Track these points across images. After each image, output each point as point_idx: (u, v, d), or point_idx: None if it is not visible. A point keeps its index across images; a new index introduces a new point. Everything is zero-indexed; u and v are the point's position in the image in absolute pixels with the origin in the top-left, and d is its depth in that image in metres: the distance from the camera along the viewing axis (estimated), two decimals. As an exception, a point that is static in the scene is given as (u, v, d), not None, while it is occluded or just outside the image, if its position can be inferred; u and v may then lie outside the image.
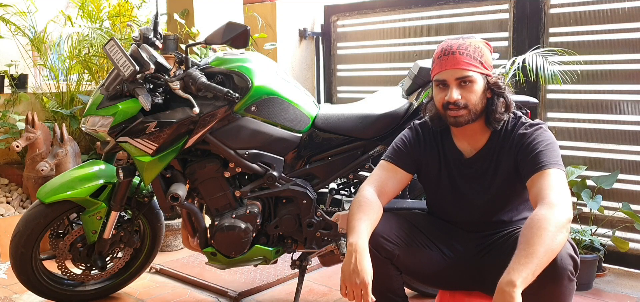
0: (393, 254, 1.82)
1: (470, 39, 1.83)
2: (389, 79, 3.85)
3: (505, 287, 1.44)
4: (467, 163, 1.88)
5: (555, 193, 1.58)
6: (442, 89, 1.81)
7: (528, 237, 1.49)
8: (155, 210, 2.69)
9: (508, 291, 1.43)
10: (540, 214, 1.53)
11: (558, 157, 1.70)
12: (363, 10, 4.05)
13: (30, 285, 2.56)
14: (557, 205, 1.54)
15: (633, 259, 3.08)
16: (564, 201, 1.57)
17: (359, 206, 1.79)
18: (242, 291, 2.80)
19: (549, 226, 1.49)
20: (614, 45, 3.04)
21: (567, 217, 1.54)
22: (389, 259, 1.82)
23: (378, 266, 1.81)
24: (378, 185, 1.88)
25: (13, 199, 3.62)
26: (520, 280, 1.44)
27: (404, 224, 1.90)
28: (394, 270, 1.86)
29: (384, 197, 1.87)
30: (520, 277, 1.44)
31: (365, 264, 1.64)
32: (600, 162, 3.12)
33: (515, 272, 1.45)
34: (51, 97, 4.00)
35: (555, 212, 1.52)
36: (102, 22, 4.04)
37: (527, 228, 1.51)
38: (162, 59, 2.26)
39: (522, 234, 1.52)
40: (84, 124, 2.34)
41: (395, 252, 1.82)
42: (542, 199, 1.58)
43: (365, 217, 1.75)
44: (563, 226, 1.51)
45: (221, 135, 2.28)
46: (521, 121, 1.82)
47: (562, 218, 1.52)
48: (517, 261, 1.47)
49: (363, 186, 1.89)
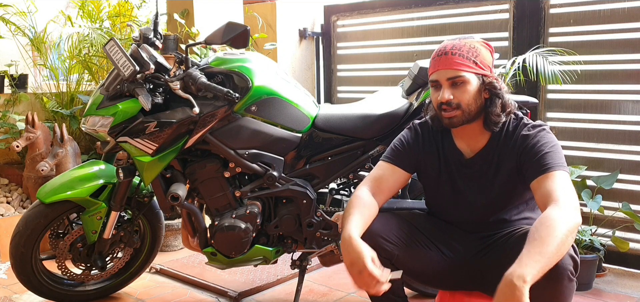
0: (392, 255, 1.82)
1: (469, 39, 1.83)
2: (389, 79, 3.85)
3: (516, 281, 1.40)
4: (467, 163, 1.88)
5: (566, 196, 1.58)
6: (436, 89, 1.82)
7: (542, 235, 1.46)
8: (155, 210, 2.69)
9: (518, 285, 1.39)
10: (554, 214, 1.51)
11: (563, 160, 1.70)
12: (363, 10, 4.05)
13: (30, 285, 2.56)
14: (570, 208, 1.54)
15: (633, 259, 3.08)
16: (576, 204, 1.57)
17: (351, 205, 1.81)
18: (242, 291, 2.80)
19: (563, 228, 1.48)
20: (614, 45, 3.04)
21: (578, 222, 1.54)
22: (388, 260, 1.82)
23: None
24: (373, 184, 1.89)
25: (13, 199, 3.62)
26: (531, 276, 1.41)
27: (404, 224, 1.90)
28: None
29: (380, 196, 1.88)
30: (531, 272, 1.41)
31: (358, 250, 1.62)
32: (600, 162, 3.12)
33: (528, 267, 1.42)
34: (51, 97, 4.00)
35: (568, 215, 1.51)
36: (102, 22, 4.04)
37: (542, 226, 1.49)
38: (162, 59, 2.26)
39: (535, 230, 1.49)
40: (84, 124, 2.34)
41: (395, 252, 1.82)
42: (554, 200, 1.57)
43: (356, 213, 1.76)
44: (574, 230, 1.51)
45: (221, 135, 2.28)
46: (523, 122, 1.82)
47: (574, 222, 1.52)
48: (530, 257, 1.43)
49: (359, 186, 1.90)
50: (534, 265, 1.42)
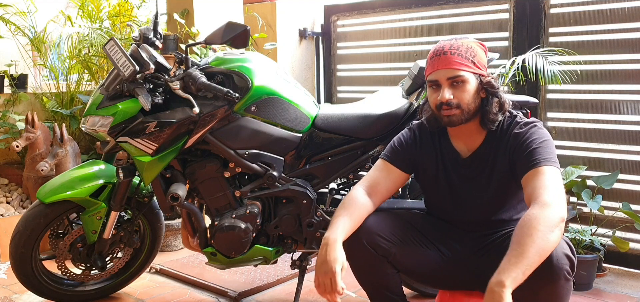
0: (389, 252, 1.83)
1: (463, 39, 1.84)
2: (389, 79, 3.85)
3: (495, 287, 1.45)
4: (464, 163, 1.88)
5: (548, 192, 1.58)
6: (435, 89, 1.82)
7: (519, 237, 1.50)
8: (155, 210, 2.69)
9: (497, 291, 1.44)
10: (532, 213, 1.53)
11: (552, 154, 1.69)
12: (363, 10, 4.05)
13: (30, 285, 2.56)
14: (549, 204, 1.54)
15: (633, 259, 3.08)
16: (557, 200, 1.57)
17: (343, 205, 1.84)
18: (242, 291, 2.80)
19: (540, 226, 1.49)
20: (614, 45, 3.04)
21: (560, 216, 1.53)
22: (385, 257, 1.83)
23: (374, 264, 1.82)
24: (369, 184, 1.90)
25: (13, 199, 3.62)
26: (509, 280, 1.44)
27: (401, 222, 1.91)
28: (391, 268, 1.86)
29: (376, 196, 1.89)
30: (509, 277, 1.45)
31: (334, 254, 1.68)
32: (600, 162, 3.12)
33: (505, 273, 1.46)
34: (51, 97, 4.00)
35: (547, 212, 1.52)
36: (102, 22, 4.04)
37: (519, 228, 1.52)
38: (162, 59, 2.26)
39: (514, 234, 1.52)
40: (83, 124, 2.34)
41: (392, 250, 1.83)
42: (535, 199, 1.58)
43: (345, 214, 1.79)
44: (555, 225, 1.51)
45: (221, 135, 2.28)
46: (516, 120, 1.82)
47: (555, 217, 1.52)
48: (508, 261, 1.48)
49: (354, 186, 1.91)
50: (511, 269, 1.46)
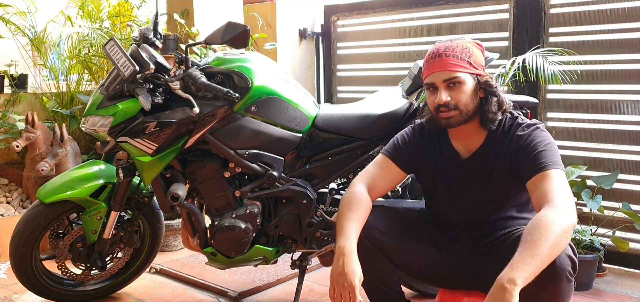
0: (385, 245, 1.83)
1: (459, 40, 1.83)
2: (389, 79, 3.85)
3: (506, 284, 1.43)
4: (464, 164, 1.88)
5: (561, 196, 1.58)
6: (432, 92, 1.82)
7: (534, 238, 1.47)
8: (155, 210, 2.69)
9: (508, 288, 1.42)
10: (548, 215, 1.52)
11: (558, 158, 1.69)
12: (363, 10, 4.04)
13: (30, 285, 2.56)
14: (564, 209, 1.54)
15: (633, 259, 3.08)
16: (571, 204, 1.57)
17: (349, 205, 1.80)
18: (242, 291, 2.80)
19: (556, 229, 1.48)
20: (614, 45, 3.04)
21: (573, 222, 1.54)
22: (381, 250, 1.83)
23: (370, 257, 1.82)
24: (369, 181, 1.90)
25: (13, 199, 3.62)
26: (521, 279, 1.43)
27: (399, 218, 1.91)
28: (388, 263, 1.86)
29: (374, 193, 1.88)
30: (522, 276, 1.43)
31: (352, 266, 1.65)
32: (600, 162, 3.12)
33: (518, 270, 1.44)
34: (51, 97, 4.00)
35: (562, 216, 1.52)
36: (102, 22, 4.04)
37: (534, 228, 1.50)
38: (162, 59, 2.26)
39: (527, 233, 1.50)
40: (84, 124, 2.34)
41: (388, 243, 1.83)
42: (548, 201, 1.57)
43: (354, 217, 1.77)
44: (569, 230, 1.51)
45: (221, 135, 2.28)
46: (518, 122, 1.81)
47: (569, 222, 1.52)
48: (521, 260, 1.45)
49: (354, 181, 1.90)
50: (525, 268, 1.44)
